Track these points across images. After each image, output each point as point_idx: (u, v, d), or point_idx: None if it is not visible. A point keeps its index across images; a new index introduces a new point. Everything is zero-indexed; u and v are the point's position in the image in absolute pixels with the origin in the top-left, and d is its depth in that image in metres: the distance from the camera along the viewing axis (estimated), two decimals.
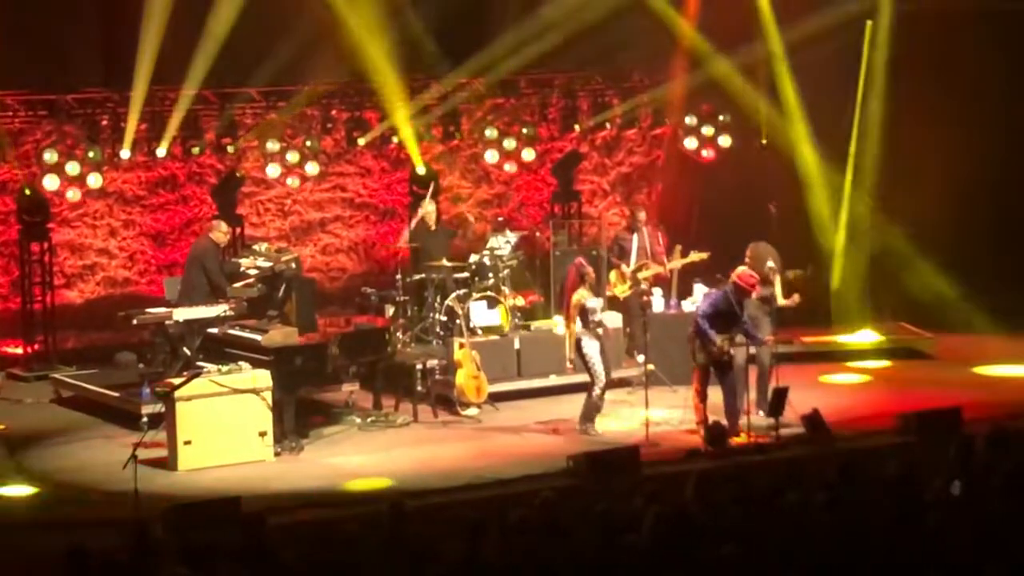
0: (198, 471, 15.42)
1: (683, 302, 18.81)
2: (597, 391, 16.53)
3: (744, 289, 16.28)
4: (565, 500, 11.12)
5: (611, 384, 16.94)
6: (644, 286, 19.04)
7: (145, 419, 16.46)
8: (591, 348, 16.48)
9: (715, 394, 17.35)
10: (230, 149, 21.11)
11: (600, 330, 16.52)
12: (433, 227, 19.90)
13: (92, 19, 20.76)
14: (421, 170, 21.79)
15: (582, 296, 16.50)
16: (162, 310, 17.75)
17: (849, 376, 19.35)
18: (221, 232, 18.25)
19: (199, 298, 17.49)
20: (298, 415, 16.38)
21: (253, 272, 17.47)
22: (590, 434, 16.53)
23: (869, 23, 21.93)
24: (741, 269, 16.46)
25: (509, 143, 22.50)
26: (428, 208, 19.99)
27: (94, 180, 20.22)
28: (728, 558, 9.45)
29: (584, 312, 16.47)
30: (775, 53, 21.99)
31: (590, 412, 16.63)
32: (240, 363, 16.14)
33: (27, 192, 20.04)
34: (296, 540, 11.00)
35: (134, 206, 21.49)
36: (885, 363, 19.98)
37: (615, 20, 21.48)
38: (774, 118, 22.19)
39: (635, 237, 19.57)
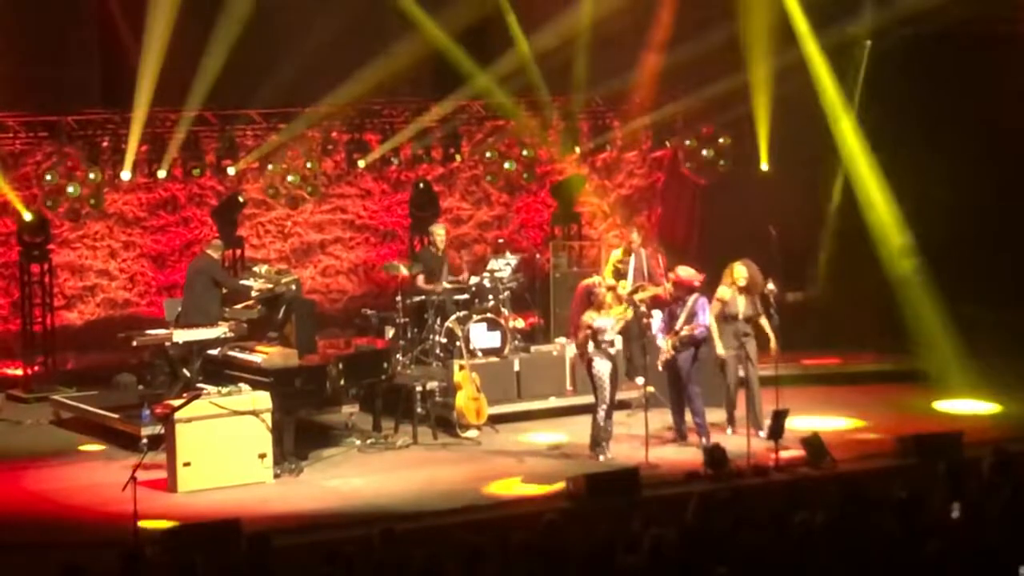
0: (197, 493, 15.41)
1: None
2: (600, 414, 16.51)
3: (681, 286, 16.83)
4: (565, 522, 11.10)
5: (614, 407, 16.80)
6: (642, 308, 19.03)
7: (145, 441, 16.45)
8: (602, 368, 16.45)
9: (711, 415, 17.44)
10: (231, 171, 21.13)
11: (612, 350, 16.51)
12: (440, 251, 19.89)
13: (93, 40, 20.79)
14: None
15: (590, 317, 16.51)
16: (162, 331, 17.77)
17: (849, 399, 19.30)
18: (219, 251, 18.36)
19: (204, 316, 17.49)
20: (297, 437, 16.37)
21: (253, 294, 17.50)
22: (600, 459, 16.44)
23: (868, 43, 21.98)
24: (680, 268, 17.03)
25: (509, 165, 22.50)
26: (437, 232, 19.97)
27: (94, 201, 20.23)
28: None
29: (593, 332, 16.46)
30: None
31: (597, 437, 16.57)
32: (240, 385, 16.15)
33: (28, 214, 20.05)
34: (295, 562, 10.99)
35: (134, 227, 21.51)
36: (885, 386, 19.93)
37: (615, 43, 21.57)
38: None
39: (632, 259, 19.58)
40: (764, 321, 17.24)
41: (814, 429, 16.42)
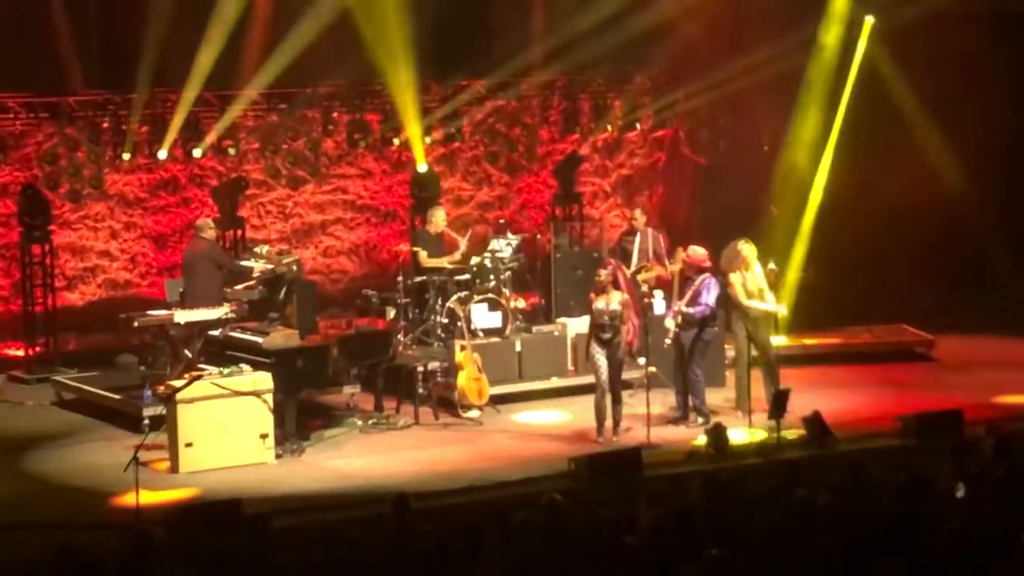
0: (199, 473, 15.42)
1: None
2: (597, 397, 16.48)
3: (691, 265, 16.92)
4: (567, 502, 11.10)
5: (619, 391, 16.64)
6: (644, 288, 19.02)
7: (146, 421, 16.44)
8: (596, 352, 16.42)
9: (714, 396, 17.47)
10: (231, 151, 21.10)
11: (606, 335, 16.44)
12: (436, 233, 19.87)
13: (93, 21, 20.75)
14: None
15: (591, 299, 16.48)
16: (163, 312, 17.75)
17: (849, 377, 19.31)
18: (212, 230, 18.30)
19: (211, 301, 17.48)
20: (299, 417, 16.38)
21: (255, 275, 17.49)
22: (601, 441, 16.39)
23: (869, 20, 21.92)
24: (691, 248, 17.18)
25: (510, 145, 22.46)
26: (437, 214, 19.94)
27: (95, 182, 20.20)
28: (724, 559, 9.43)
29: (592, 314, 16.43)
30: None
31: (598, 420, 16.54)
32: (241, 365, 16.16)
33: (28, 194, 20.03)
34: (297, 542, 11.00)
35: (135, 208, 21.50)
36: (886, 365, 19.93)
37: (616, 22, 21.52)
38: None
39: (637, 239, 19.56)
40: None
41: (815, 408, 16.40)
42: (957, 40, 21.49)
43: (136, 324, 17.66)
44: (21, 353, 20.37)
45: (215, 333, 17.19)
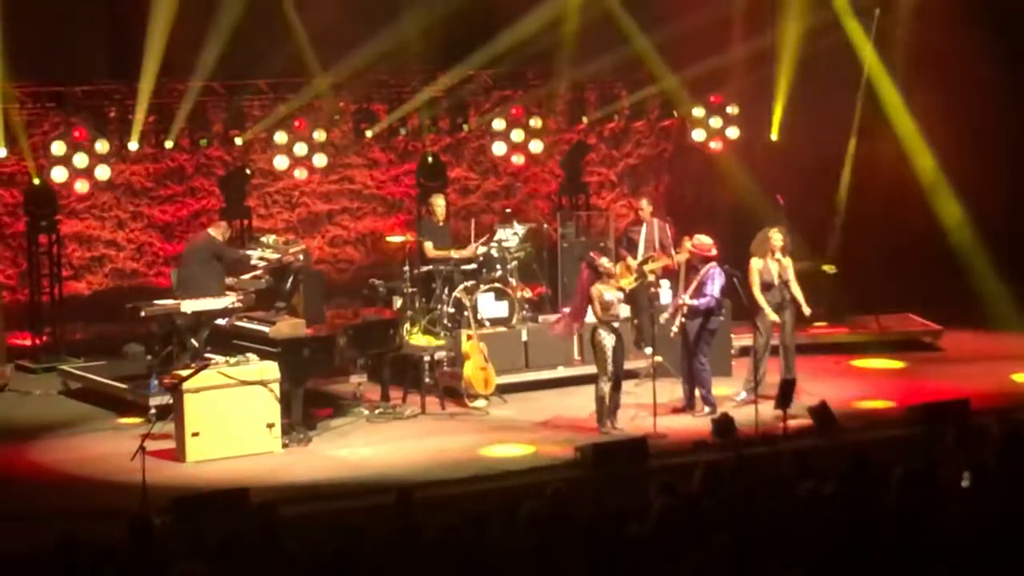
0: (206, 462, 15.44)
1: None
2: (603, 385, 16.45)
3: (696, 255, 17.06)
4: (572, 492, 11.10)
5: (621, 379, 16.63)
6: (651, 278, 19.00)
7: (153, 411, 16.48)
8: (607, 341, 16.39)
9: (722, 384, 17.48)
10: (238, 141, 21.11)
11: (617, 324, 16.43)
12: (441, 222, 19.86)
13: (100, 10, 20.75)
14: None
15: (601, 289, 16.40)
16: (170, 302, 17.76)
17: (856, 367, 19.31)
18: (223, 231, 18.26)
19: (200, 291, 17.47)
20: (305, 407, 16.39)
21: (261, 264, 17.50)
22: (606, 431, 16.31)
23: (878, 11, 21.87)
24: (696, 237, 17.23)
25: (517, 135, 22.43)
26: (437, 202, 19.93)
27: (102, 172, 20.20)
28: (729, 548, 9.43)
29: (603, 304, 16.38)
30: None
31: (602, 410, 16.51)
32: (248, 355, 16.16)
33: (35, 184, 20.03)
34: (304, 531, 11.01)
35: (142, 198, 21.51)
36: (892, 355, 19.92)
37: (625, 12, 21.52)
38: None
39: (643, 229, 19.56)
40: (796, 288, 17.31)
41: (822, 398, 16.40)
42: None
43: (143, 314, 17.66)
44: (28, 342, 20.39)
45: (222, 322, 17.20)
